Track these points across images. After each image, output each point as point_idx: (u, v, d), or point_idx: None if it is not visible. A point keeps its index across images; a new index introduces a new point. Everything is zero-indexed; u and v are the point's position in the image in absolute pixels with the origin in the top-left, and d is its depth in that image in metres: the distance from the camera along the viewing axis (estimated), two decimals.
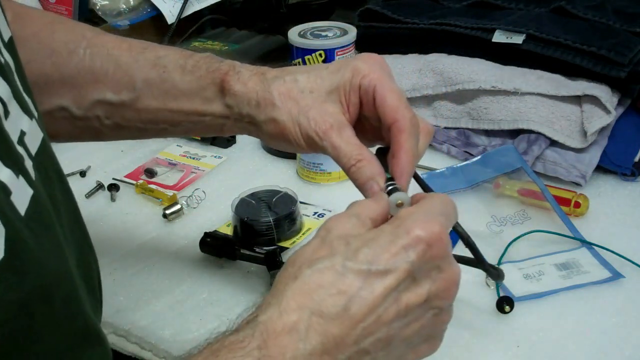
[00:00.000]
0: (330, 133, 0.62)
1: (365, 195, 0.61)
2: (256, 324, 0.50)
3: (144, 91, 0.69)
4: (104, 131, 0.72)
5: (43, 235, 0.44)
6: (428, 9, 1.11)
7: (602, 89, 0.95)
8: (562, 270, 0.80)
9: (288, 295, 0.51)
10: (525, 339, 0.72)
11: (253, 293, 0.80)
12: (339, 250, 0.52)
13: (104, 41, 0.71)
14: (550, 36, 0.98)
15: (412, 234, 0.51)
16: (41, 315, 0.43)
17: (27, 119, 0.47)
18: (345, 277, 0.50)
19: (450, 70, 1.01)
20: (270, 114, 0.64)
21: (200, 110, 0.68)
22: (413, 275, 0.51)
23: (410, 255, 0.51)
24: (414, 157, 0.61)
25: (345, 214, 0.56)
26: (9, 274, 0.39)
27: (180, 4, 1.29)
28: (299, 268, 0.52)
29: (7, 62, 0.48)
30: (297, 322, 0.50)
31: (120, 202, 0.98)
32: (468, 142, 1.01)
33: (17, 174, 0.42)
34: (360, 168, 0.61)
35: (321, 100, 0.63)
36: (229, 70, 0.67)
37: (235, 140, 1.10)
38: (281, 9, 1.40)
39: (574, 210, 0.88)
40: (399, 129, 0.60)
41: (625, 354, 0.70)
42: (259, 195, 0.90)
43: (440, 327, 0.56)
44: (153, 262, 0.86)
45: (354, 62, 0.64)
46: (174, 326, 0.76)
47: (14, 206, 0.41)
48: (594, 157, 0.94)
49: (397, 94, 0.61)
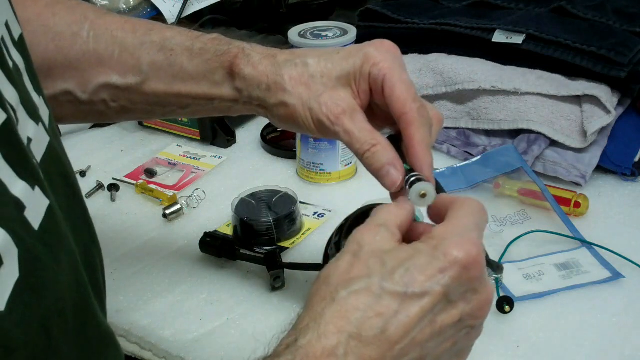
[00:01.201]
0: (342, 118, 0.61)
1: (382, 181, 0.60)
2: (296, 349, 0.49)
3: (151, 74, 0.68)
4: (110, 114, 0.71)
5: (57, 247, 0.43)
6: (428, 9, 1.11)
7: (602, 89, 0.95)
8: (562, 270, 0.80)
9: (326, 319, 0.50)
10: (525, 339, 0.72)
11: (253, 293, 0.80)
12: (374, 271, 0.51)
13: (107, 22, 0.70)
14: (550, 36, 0.98)
15: (449, 257, 0.51)
16: (58, 329, 0.42)
17: (32, 124, 0.46)
18: (382, 300, 0.50)
19: (450, 70, 1.01)
20: (281, 98, 0.64)
21: (209, 94, 0.67)
22: (448, 298, 0.51)
23: (446, 278, 0.50)
24: (428, 147, 0.60)
25: (373, 225, 0.55)
26: (27, 293, 0.39)
27: (180, 4, 1.29)
28: (335, 289, 0.51)
29: (16, 64, 0.47)
30: (336, 347, 0.49)
31: (120, 202, 0.98)
32: (468, 142, 1.01)
33: (32, 185, 0.42)
34: (375, 153, 0.60)
35: (332, 85, 0.63)
36: (238, 54, 0.66)
37: (235, 140, 1.10)
38: (281, 9, 1.40)
39: (574, 210, 0.88)
40: (407, 121, 0.59)
41: (625, 354, 0.70)
42: (259, 195, 0.90)
43: (470, 343, 0.56)
44: (153, 262, 0.86)
45: (366, 48, 0.63)
46: (174, 326, 0.76)
47: (27, 222, 0.41)
48: (594, 157, 0.94)
49: (406, 84, 0.61)
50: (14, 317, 0.38)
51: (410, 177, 0.58)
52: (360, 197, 0.82)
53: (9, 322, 0.38)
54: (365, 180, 1.00)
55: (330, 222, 0.90)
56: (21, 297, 0.38)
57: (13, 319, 0.38)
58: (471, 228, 0.53)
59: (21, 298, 0.38)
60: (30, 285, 0.39)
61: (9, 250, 0.38)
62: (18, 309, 0.38)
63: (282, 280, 0.80)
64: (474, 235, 0.52)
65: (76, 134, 1.13)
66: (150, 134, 1.13)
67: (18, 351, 0.38)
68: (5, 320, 0.37)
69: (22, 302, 0.39)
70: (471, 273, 0.51)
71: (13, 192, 0.40)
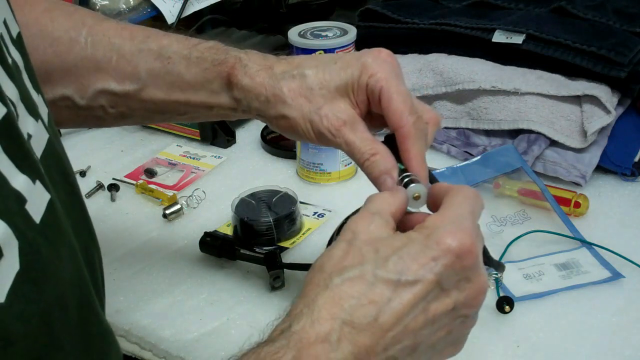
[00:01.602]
0: (343, 130, 0.62)
1: (379, 188, 0.61)
2: (290, 334, 0.50)
3: (149, 82, 0.68)
4: (108, 119, 0.71)
5: (58, 241, 0.44)
6: (428, 9, 1.11)
7: (602, 89, 0.95)
8: (562, 270, 0.80)
9: (319, 305, 0.51)
10: (525, 339, 0.72)
11: (253, 293, 0.80)
12: (368, 259, 0.52)
13: (104, 29, 0.70)
14: (550, 36, 0.98)
15: (442, 245, 0.51)
16: (60, 324, 0.42)
17: (32, 120, 0.47)
18: (375, 287, 0.51)
19: (450, 70, 1.01)
20: (281, 111, 0.64)
21: (208, 102, 0.68)
22: (441, 286, 0.52)
23: (439, 266, 0.51)
24: (423, 159, 0.61)
25: (367, 213, 0.55)
26: (27, 286, 0.39)
27: (180, 4, 1.29)
28: (329, 276, 0.52)
29: (15, 61, 0.47)
30: (329, 333, 0.50)
31: (120, 202, 0.98)
32: (468, 142, 1.01)
33: (33, 179, 0.42)
34: (373, 162, 0.61)
35: (331, 96, 0.63)
36: (235, 64, 0.66)
37: (235, 140, 1.10)
38: (281, 9, 1.40)
39: (574, 210, 0.88)
40: (403, 135, 0.61)
41: (625, 354, 0.70)
42: (259, 195, 0.90)
43: (465, 332, 0.56)
44: (153, 262, 0.86)
45: (363, 58, 0.64)
46: (174, 326, 0.76)
47: (28, 215, 0.41)
48: (594, 157, 0.94)
49: (403, 96, 0.61)
50: (14, 310, 0.38)
51: (404, 178, 0.60)
52: (360, 197, 0.82)
53: (9, 314, 0.38)
54: (365, 180, 0.99)
55: (330, 222, 0.90)
56: (22, 290, 0.39)
57: (13, 312, 0.38)
58: (465, 216, 0.53)
59: (22, 291, 0.39)
60: (30, 279, 0.39)
61: (9, 242, 0.38)
62: (18, 302, 0.38)
63: (282, 280, 0.80)
64: (467, 223, 0.53)
65: (76, 134, 1.13)
66: (150, 134, 1.13)
67: (18, 344, 0.38)
68: (5, 313, 0.38)
69: (22, 295, 0.39)
70: (464, 262, 0.52)
71: (13, 185, 0.40)
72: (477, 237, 0.53)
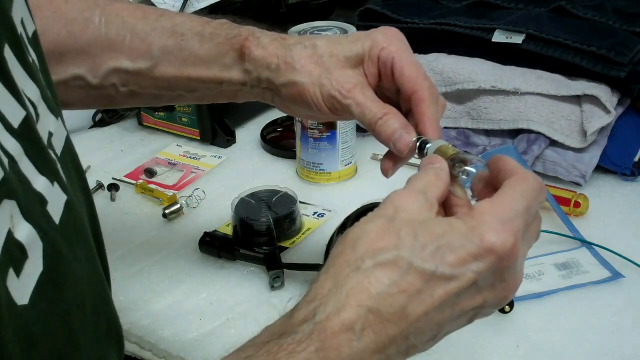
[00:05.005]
0: (354, 91, 0.63)
1: (396, 145, 0.61)
2: (314, 324, 0.48)
3: (162, 59, 0.69)
4: (118, 99, 0.72)
5: (76, 242, 0.44)
6: (428, 9, 1.11)
7: (602, 89, 0.95)
8: (562, 270, 0.80)
9: (348, 289, 0.48)
10: (525, 339, 0.72)
11: (253, 293, 0.80)
12: (405, 244, 0.49)
13: (118, 9, 0.71)
14: (550, 36, 0.98)
15: (486, 244, 0.48)
16: (79, 322, 0.43)
17: (53, 119, 0.47)
18: (408, 276, 0.48)
19: (450, 70, 1.01)
20: (290, 77, 0.65)
21: (219, 77, 0.68)
22: (477, 286, 0.50)
23: (479, 266, 0.48)
24: (439, 124, 0.62)
25: (412, 191, 0.52)
26: (49, 288, 0.39)
27: (180, 4, 1.29)
28: (361, 257, 0.49)
29: (34, 61, 0.47)
30: (354, 322, 0.48)
31: (120, 202, 0.98)
32: (468, 142, 1.01)
33: (52, 181, 0.42)
34: (387, 121, 0.61)
35: (342, 64, 0.64)
36: (249, 36, 0.67)
37: (235, 140, 1.10)
38: (281, 9, 1.39)
39: (574, 210, 0.88)
40: (419, 99, 0.61)
41: (625, 354, 0.70)
42: (259, 195, 0.90)
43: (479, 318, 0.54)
44: (153, 262, 0.86)
45: (373, 34, 0.65)
46: (174, 326, 0.76)
47: (50, 217, 0.41)
48: (594, 157, 0.94)
49: (416, 65, 0.63)
50: (37, 311, 0.39)
51: (419, 139, 0.60)
52: (360, 197, 0.82)
53: (32, 316, 0.38)
54: (365, 180, 1.00)
55: (330, 222, 0.90)
56: (44, 291, 0.39)
57: (36, 313, 0.39)
58: (518, 214, 0.50)
59: (44, 292, 0.39)
60: (52, 280, 0.40)
61: (35, 244, 0.39)
62: (41, 303, 0.39)
63: (281, 280, 0.80)
64: (518, 223, 0.49)
65: (76, 134, 1.13)
66: (150, 134, 1.13)
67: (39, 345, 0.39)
68: (29, 315, 0.38)
69: (45, 296, 0.39)
70: (504, 263, 0.49)
71: (36, 187, 0.41)
72: (524, 237, 0.50)
